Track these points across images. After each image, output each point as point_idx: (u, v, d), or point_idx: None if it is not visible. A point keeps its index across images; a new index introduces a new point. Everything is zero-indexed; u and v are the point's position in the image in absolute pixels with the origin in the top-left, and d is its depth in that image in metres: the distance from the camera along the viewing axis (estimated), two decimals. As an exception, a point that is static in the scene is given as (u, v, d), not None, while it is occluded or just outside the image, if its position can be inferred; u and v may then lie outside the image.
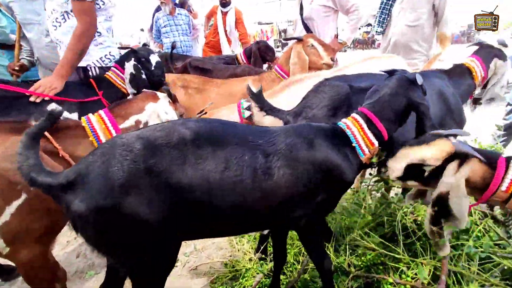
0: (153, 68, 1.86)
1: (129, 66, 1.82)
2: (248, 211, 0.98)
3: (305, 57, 2.07)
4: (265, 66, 3.13)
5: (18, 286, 1.76)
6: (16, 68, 2.21)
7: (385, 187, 1.58)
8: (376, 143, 1.09)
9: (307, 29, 2.62)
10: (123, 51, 1.96)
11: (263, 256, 1.64)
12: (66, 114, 1.56)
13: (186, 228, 0.95)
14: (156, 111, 1.43)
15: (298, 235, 1.20)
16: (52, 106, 0.97)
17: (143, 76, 1.84)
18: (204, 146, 0.91)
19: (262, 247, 1.65)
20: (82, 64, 1.77)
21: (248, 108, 1.79)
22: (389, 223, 1.43)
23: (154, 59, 1.87)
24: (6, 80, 1.81)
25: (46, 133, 1.08)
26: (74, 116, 1.59)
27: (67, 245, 2.03)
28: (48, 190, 0.85)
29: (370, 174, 1.67)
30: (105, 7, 1.79)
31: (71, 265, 1.85)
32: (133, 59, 1.83)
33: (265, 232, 1.47)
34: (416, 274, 1.20)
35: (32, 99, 1.50)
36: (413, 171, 1.02)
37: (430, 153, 0.98)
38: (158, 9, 4.01)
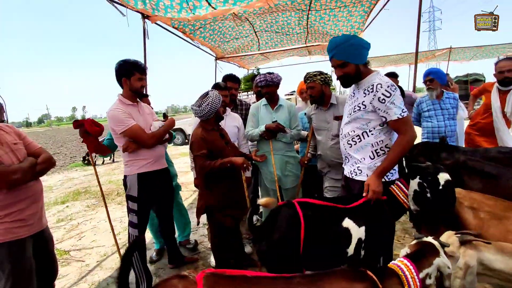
0: (440, 188, 1.75)
1: (414, 184, 1.82)
2: None
3: None
4: None
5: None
6: (306, 161, 2.89)
7: None
8: None
9: None
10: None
11: None
12: (355, 226, 1.76)
13: None
14: (439, 265, 1.41)
15: None
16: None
17: (428, 195, 1.78)
18: None
19: None
20: (363, 178, 1.95)
21: None
22: None
23: (443, 177, 1.76)
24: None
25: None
26: (362, 229, 1.76)
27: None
28: None
29: None
30: None
31: None
32: (418, 176, 1.82)
33: None
34: None
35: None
36: None
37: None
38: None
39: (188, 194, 5.78)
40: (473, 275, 1.53)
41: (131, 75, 2.48)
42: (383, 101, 1.81)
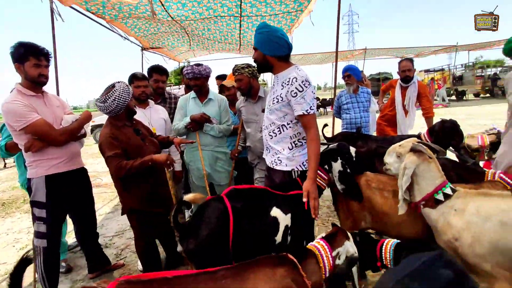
0: (354, 159, 2.03)
1: (338, 165, 2.00)
2: None
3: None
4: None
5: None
6: (236, 154, 2.89)
7: None
8: None
9: None
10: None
11: None
12: (282, 214, 1.83)
13: None
14: (348, 249, 1.55)
15: None
16: None
17: (348, 171, 1.98)
18: None
19: None
20: (287, 168, 2.03)
21: None
22: None
23: (352, 150, 2.07)
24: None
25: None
26: (288, 216, 1.83)
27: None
28: None
29: None
30: None
31: None
32: (339, 158, 2.00)
33: None
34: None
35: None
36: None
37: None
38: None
39: (113, 196, 5.31)
40: (407, 177, 1.70)
41: (24, 60, 2.10)
42: (295, 95, 1.87)
